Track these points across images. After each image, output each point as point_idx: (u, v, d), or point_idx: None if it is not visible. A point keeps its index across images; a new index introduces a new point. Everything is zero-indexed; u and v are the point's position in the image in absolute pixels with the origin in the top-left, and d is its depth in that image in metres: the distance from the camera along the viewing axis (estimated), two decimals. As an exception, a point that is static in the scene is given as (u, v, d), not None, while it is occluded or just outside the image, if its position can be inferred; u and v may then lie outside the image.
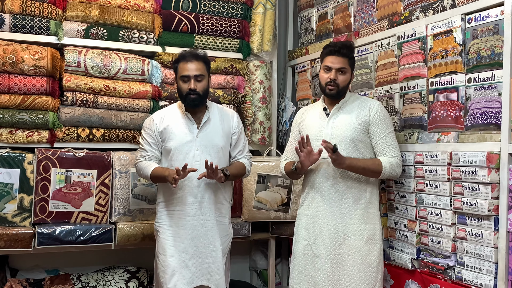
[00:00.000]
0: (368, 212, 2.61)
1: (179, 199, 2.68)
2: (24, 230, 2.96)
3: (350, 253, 2.57)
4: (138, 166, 2.77)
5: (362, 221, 2.58)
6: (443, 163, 2.46)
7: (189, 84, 2.64)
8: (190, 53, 2.70)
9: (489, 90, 2.29)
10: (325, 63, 2.64)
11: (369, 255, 2.57)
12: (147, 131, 2.76)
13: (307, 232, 2.67)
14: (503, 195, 2.21)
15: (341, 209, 2.59)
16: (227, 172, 2.64)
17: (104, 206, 3.18)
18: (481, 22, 2.34)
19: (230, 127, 2.80)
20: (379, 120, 2.61)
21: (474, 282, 2.32)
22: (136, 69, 3.32)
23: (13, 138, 3.04)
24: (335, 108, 2.66)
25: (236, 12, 3.68)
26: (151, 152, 2.74)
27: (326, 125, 2.65)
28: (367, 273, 2.56)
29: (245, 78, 3.69)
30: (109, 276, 3.34)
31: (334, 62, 2.60)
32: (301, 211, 2.75)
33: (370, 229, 2.59)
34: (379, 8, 3.03)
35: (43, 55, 3.06)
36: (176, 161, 2.67)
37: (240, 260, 3.90)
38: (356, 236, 2.57)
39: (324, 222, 2.61)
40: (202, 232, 2.68)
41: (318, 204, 2.64)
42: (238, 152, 2.83)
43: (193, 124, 2.71)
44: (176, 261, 2.64)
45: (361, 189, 2.61)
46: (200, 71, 2.67)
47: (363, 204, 2.60)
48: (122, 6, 3.36)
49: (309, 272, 2.64)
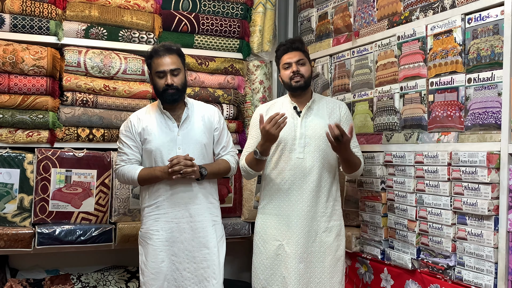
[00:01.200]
0: (335, 209, 2.70)
1: (164, 202, 2.60)
2: (24, 230, 2.96)
3: (321, 250, 2.63)
4: (120, 172, 2.65)
5: (331, 218, 2.67)
6: (443, 163, 2.46)
7: (166, 79, 2.56)
8: (163, 47, 2.60)
9: (489, 90, 2.29)
10: (283, 62, 2.68)
11: (338, 250, 2.67)
12: (125, 133, 2.66)
13: (279, 232, 2.65)
14: (503, 195, 2.21)
15: (315, 208, 2.63)
16: (204, 171, 2.57)
17: (104, 206, 3.18)
18: (481, 22, 2.34)
19: (211, 123, 2.73)
20: (348, 120, 2.72)
21: (474, 282, 2.32)
22: (136, 69, 3.32)
23: (13, 138, 3.04)
24: (306, 107, 2.68)
25: (236, 12, 3.68)
26: (132, 156, 2.64)
27: (300, 124, 2.65)
28: (336, 267, 2.65)
29: (245, 78, 3.69)
30: (109, 276, 3.34)
31: (291, 56, 2.66)
32: (268, 211, 2.70)
33: (337, 226, 2.69)
34: (379, 8, 3.03)
35: (43, 55, 3.07)
36: (159, 161, 2.61)
37: (240, 260, 3.90)
38: (326, 233, 2.65)
39: (298, 221, 2.61)
40: (192, 235, 2.61)
41: (290, 203, 2.63)
42: (221, 148, 2.77)
43: (173, 123, 2.63)
44: (166, 266, 2.58)
45: (330, 186, 2.67)
46: (176, 64, 2.58)
47: (332, 201, 2.68)
48: (122, 6, 3.37)
49: (282, 273, 2.62)
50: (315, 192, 2.62)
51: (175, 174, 2.49)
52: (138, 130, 2.64)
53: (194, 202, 2.63)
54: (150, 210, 2.64)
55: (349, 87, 3.26)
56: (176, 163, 2.48)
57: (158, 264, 2.58)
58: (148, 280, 2.58)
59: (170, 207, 2.61)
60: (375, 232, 2.91)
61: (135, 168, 2.62)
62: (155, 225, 2.61)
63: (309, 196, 2.62)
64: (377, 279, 2.91)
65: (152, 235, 2.61)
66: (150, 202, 2.64)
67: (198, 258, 2.62)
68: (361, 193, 3.04)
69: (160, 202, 2.61)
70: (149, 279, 2.58)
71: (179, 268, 2.60)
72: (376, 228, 2.91)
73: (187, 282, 2.60)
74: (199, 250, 2.62)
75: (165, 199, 2.61)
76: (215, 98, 3.52)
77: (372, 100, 3.03)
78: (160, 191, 2.61)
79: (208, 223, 2.65)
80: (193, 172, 2.52)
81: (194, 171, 2.53)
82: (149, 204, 2.64)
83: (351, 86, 3.23)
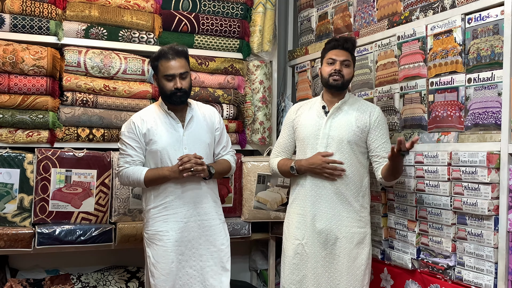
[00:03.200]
0: (360, 216, 2.62)
1: (173, 202, 2.59)
2: (24, 230, 2.96)
3: (340, 255, 2.58)
4: (124, 174, 2.61)
5: (354, 225, 2.59)
6: (443, 163, 2.46)
7: (175, 82, 2.56)
8: (171, 50, 2.59)
9: (489, 90, 2.29)
10: (328, 56, 2.63)
11: (358, 258, 2.58)
12: (128, 135, 2.62)
13: (299, 231, 2.65)
14: (503, 195, 2.21)
15: (334, 211, 2.59)
16: (212, 170, 2.60)
17: (104, 206, 3.18)
18: (481, 22, 2.34)
19: (213, 123, 2.74)
20: (380, 125, 2.62)
21: (474, 282, 2.32)
22: (136, 69, 3.32)
23: (13, 138, 3.04)
24: (335, 108, 2.64)
25: (236, 12, 3.68)
26: (136, 157, 2.61)
27: (324, 124, 2.63)
28: (354, 276, 2.57)
29: (245, 78, 3.69)
30: (109, 276, 3.34)
31: (338, 54, 2.61)
32: (293, 209, 2.72)
33: (360, 233, 2.60)
34: (379, 8, 3.03)
35: (43, 55, 3.06)
36: (165, 162, 2.60)
37: (240, 260, 3.89)
38: (347, 239, 2.58)
39: (318, 222, 2.60)
40: (199, 233, 2.62)
41: (312, 204, 2.62)
42: (221, 148, 2.78)
43: (177, 123, 2.63)
44: (176, 266, 2.57)
45: (356, 193, 2.61)
46: (184, 68, 2.59)
47: (357, 208, 2.61)
48: (122, 6, 3.36)
49: (301, 272, 2.63)
50: (336, 195, 2.58)
51: (185, 172, 2.49)
52: (142, 131, 2.61)
53: (202, 201, 2.64)
54: (157, 211, 2.61)
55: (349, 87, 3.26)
56: (187, 161, 2.49)
57: (168, 265, 2.56)
58: (159, 282, 2.56)
59: (179, 207, 2.60)
60: (375, 232, 2.91)
61: (141, 169, 2.60)
62: (164, 226, 2.59)
63: (329, 198, 2.59)
64: (377, 279, 2.91)
65: (162, 236, 2.58)
66: (156, 203, 2.61)
67: (205, 256, 2.62)
68: (361, 193, 3.04)
69: (169, 203, 2.60)
70: (160, 280, 2.55)
71: (184, 266, 2.60)
72: (376, 228, 2.91)
73: (192, 280, 2.60)
74: (205, 248, 2.63)
75: (173, 198, 2.60)
76: (215, 98, 3.52)
77: (372, 100, 3.03)
78: (168, 190, 2.59)
79: (215, 222, 2.67)
80: (203, 170, 2.54)
81: (204, 169, 2.54)
82: (156, 205, 2.61)
83: (351, 86, 3.23)
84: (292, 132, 2.78)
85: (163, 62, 2.58)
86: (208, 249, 2.63)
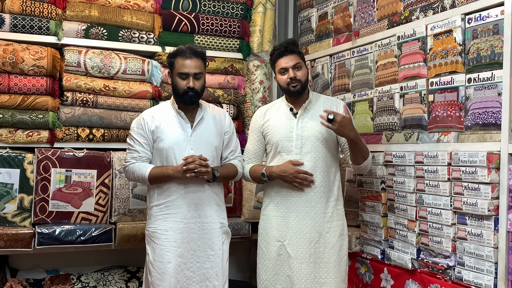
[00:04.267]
0: (337, 209, 2.69)
1: (175, 202, 2.60)
2: (24, 230, 2.96)
3: (325, 250, 2.62)
4: (130, 169, 2.64)
5: (334, 218, 2.66)
6: (443, 163, 2.46)
7: (188, 81, 2.57)
8: (189, 48, 2.61)
9: (489, 90, 2.29)
10: (279, 67, 2.66)
11: (341, 250, 2.67)
12: (137, 131, 2.64)
13: (279, 233, 2.66)
14: (503, 195, 2.21)
15: (315, 209, 2.62)
16: (217, 173, 2.59)
17: (104, 206, 3.18)
18: (481, 22, 2.34)
19: (222, 126, 2.75)
20: None
21: (474, 282, 2.32)
22: (136, 69, 3.32)
23: (13, 138, 3.04)
24: (302, 109, 2.68)
25: (236, 12, 3.68)
26: (143, 153, 2.63)
27: (296, 126, 2.66)
28: (340, 267, 2.65)
29: (245, 78, 3.69)
30: (109, 276, 3.34)
31: (287, 61, 2.64)
32: (269, 212, 2.72)
33: (340, 225, 2.69)
34: (379, 8, 3.03)
35: (43, 55, 3.07)
36: (170, 161, 2.61)
37: (240, 260, 3.90)
38: (330, 233, 2.64)
39: (297, 222, 2.62)
40: (199, 235, 2.62)
41: (290, 204, 2.64)
42: (230, 152, 2.78)
43: (186, 123, 2.64)
44: (173, 267, 2.56)
45: (331, 186, 2.66)
46: (199, 68, 2.61)
47: (333, 202, 2.67)
48: (122, 6, 3.37)
49: (285, 272, 2.64)
50: (314, 192, 2.62)
51: (189, 173, 2.49)
52: (151, 128, 2.63)
53: (204, 203, 2.63)
54: (159, 209, 2.62)
55: (349, 87, 3.27)
56: (191, 161, 2.49)
57: (164, 264, 2.56)
58: (155, 280, 2.57)
59: (180, 207, 2.60)
60: (375, 232, 2.91)
61: (146, 166, 2.61)
62: (164, 225, 2.60)
63: (308, 197, 2.62)
64: (377, 279, 2.91)
65: (160, 235, 2.59)
66: (159, 201, 2.62)
67: (202, 258, 2.62)
68: (361, 193, 3.04)
69: (170, 202, 2.61)
70: (155, 279, 2.56)
71: (183, 269, 2.59)
72: (376, 228, 2.91)
73: (189, 281, 2.60)
74: (204, 250, 2.62)
75: (176, 198, 2.60)
76: (215, 98, 3.52)
77: (372, 100, 3.03)
78: (171, 190, 2.60)
79: (215, 225, 2.67)
80: (206, 172, 2.53)
81: (208, 171, 2.54)
82: (158, 203, 2.63)
83: (351, 86, 3.23)
84: (262, 137, 2.79)
85: (179, 60, 2.59)
86: (206, 252, 2.63)
